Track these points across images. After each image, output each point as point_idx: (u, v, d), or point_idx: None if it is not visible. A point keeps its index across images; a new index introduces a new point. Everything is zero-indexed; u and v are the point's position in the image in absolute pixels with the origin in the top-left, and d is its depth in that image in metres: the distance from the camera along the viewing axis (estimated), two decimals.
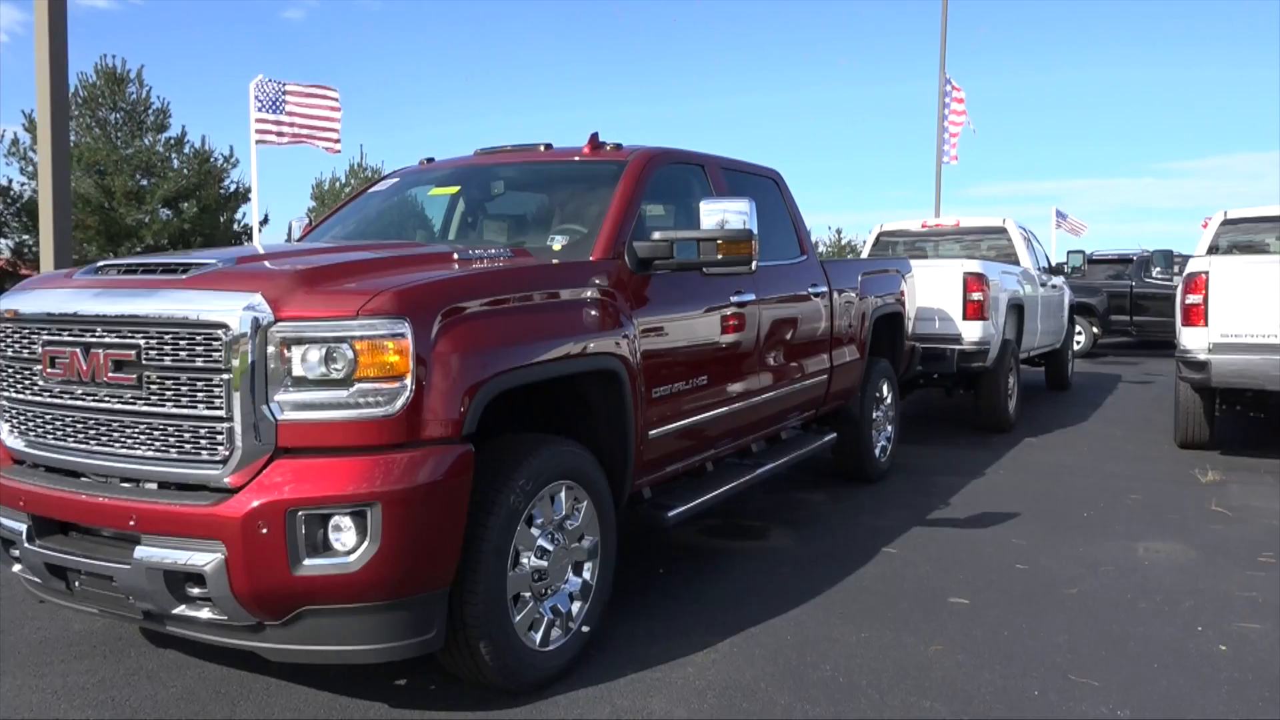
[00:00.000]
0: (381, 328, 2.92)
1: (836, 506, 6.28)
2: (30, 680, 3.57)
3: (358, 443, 2.92)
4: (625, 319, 3.93)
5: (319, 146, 14.93)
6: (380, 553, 2.88)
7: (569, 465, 3.56)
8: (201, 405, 2.94)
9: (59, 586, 3.28)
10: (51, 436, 3.30)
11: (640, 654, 3.79)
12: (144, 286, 3.12)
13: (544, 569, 3.47)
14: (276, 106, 14.60)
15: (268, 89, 14.49)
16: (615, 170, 4.52)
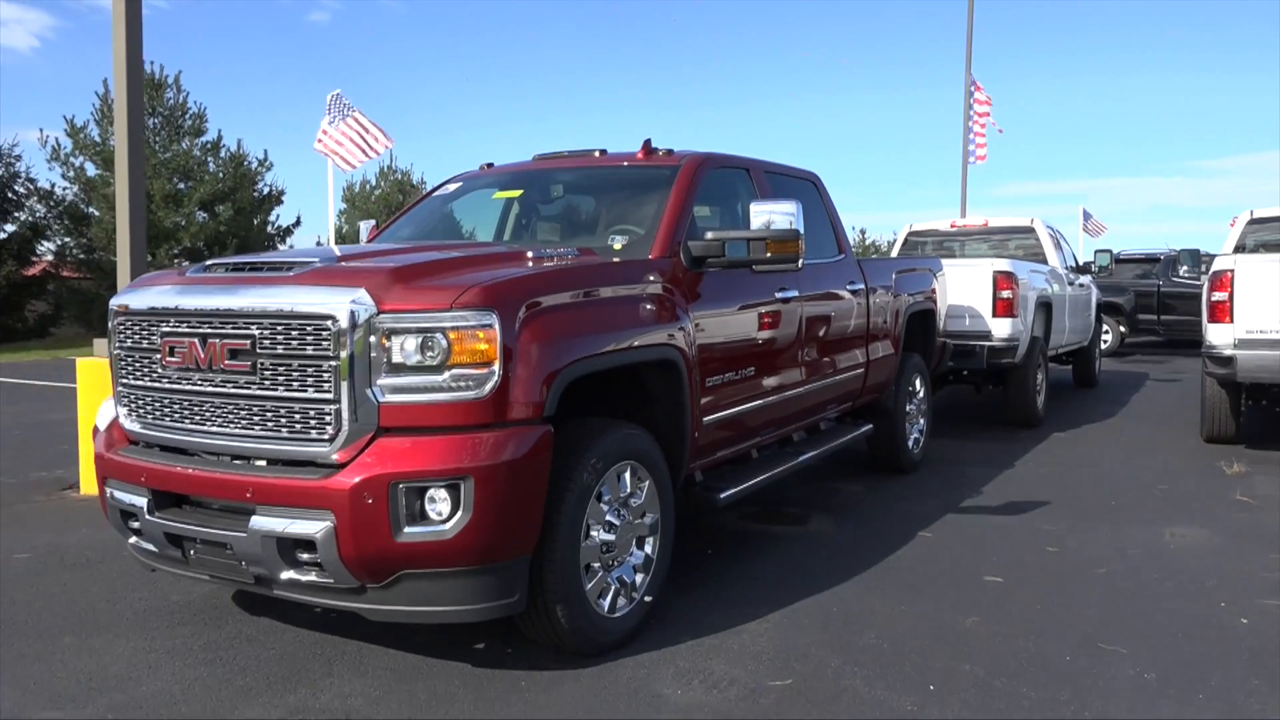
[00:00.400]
0: (472, 319, 3.23)
1: (872, 495, 6.55)
2: (143, 643, 3.91)
3: (451, 423, 3.23)
4: (682, 313, 4.23)
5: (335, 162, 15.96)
6: (472, 521, 3.19)
7: (634, 447, 3.86)
8: (311, 389, 3.27)
9: (175, 555, 3.62)
10: (167, 418, 3.64)
11: (696, 623, 4.09)
12: (255, 283, 3.45)
13: (611, 542, 3.78)
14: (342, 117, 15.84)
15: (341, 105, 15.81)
16: (669, 174, 4.82)
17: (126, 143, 6.86)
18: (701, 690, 3.45)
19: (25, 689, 3.48)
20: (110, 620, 4.18)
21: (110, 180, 26.85)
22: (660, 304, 4.12)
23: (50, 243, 27.27)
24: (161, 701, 3.37)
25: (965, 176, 23.45)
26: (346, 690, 3.46)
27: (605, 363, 3.72)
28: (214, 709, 3.31)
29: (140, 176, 6.95)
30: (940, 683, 3.51)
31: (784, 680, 3.53)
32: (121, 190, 6.94)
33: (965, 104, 23.15)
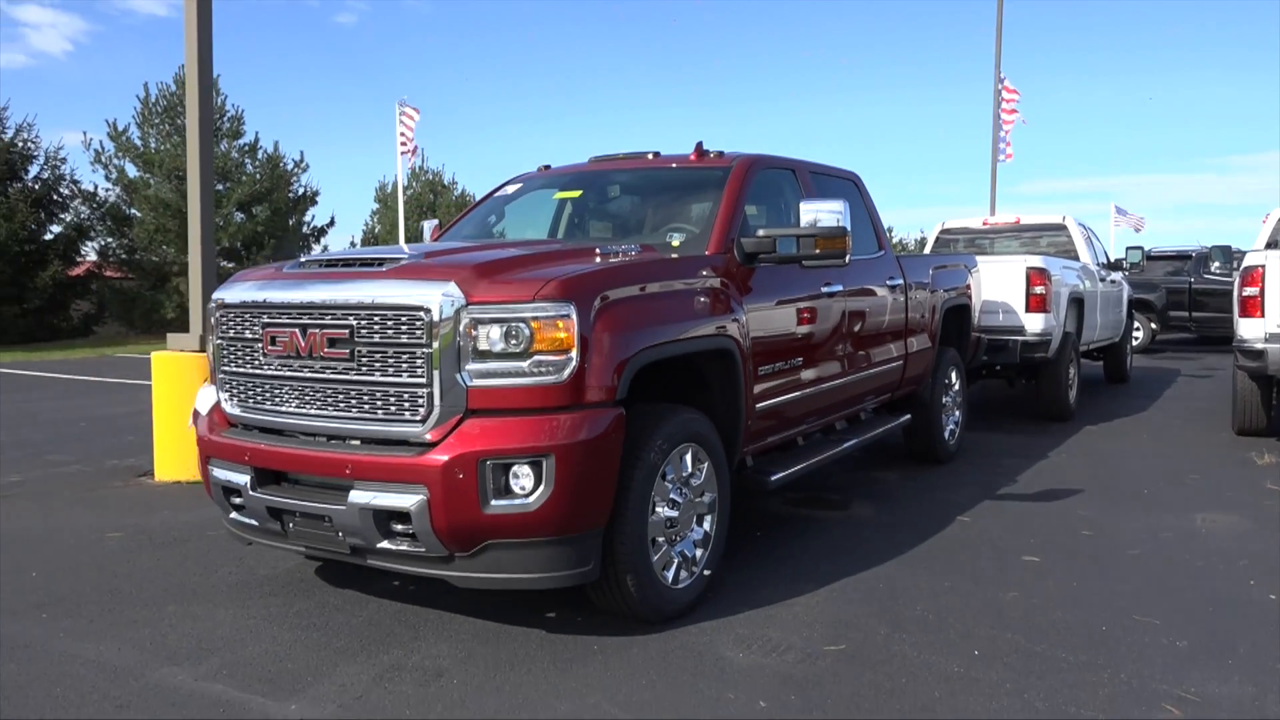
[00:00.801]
0: (552, 310, 3.52)
1: (910, 483, 6.79)
2: (240, 611, 4.24)
3: (533, 405, 3.53)
4: (736, 306, 4.50)
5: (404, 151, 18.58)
6: (553, 495, 3.48)
7: (694, 430, 4.14)
8: (405, 374, 3.57)
9: (274, 528, 3.94)
10: (268, 402, 3.96)
11: (751, 596, 4.36)
12: (352, 278, 3.76)
13: (674, 518, 4.06)
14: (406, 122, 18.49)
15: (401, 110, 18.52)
16: (721, 175, 5.10)
17: (198, 151, 7.23)
18: (760, 654, 3.73)
19: (143, 649, 3.81)
20: (206, 592, 4.51)
21: (150, 182, 27.52)
22: (716, 297, 4.40)
23: (93, 243, 27.93)
24: (268, 660, 3.69)
25: (995, 173, 23.53)
26: (435, 652, 3.77)
27: (669, 351, 4.00)
28: (316, 667, 3.62)
29: (210, 179, 7.31)
30: (984, 649, 3.76)
31: (837, 646, 3.80)
32: (193, 194, 7.30)
33: (994, 101, 23.25)
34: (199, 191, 7.25)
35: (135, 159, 27.84)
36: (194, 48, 7.19)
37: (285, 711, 3.25)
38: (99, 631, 4.00)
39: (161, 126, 28.27)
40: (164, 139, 28.09)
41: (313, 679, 3.52)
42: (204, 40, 7.21)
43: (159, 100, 28.25)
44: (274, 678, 3.53)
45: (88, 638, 3.93)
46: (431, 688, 3.44)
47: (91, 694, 3.40)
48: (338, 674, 3.56)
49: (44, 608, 4.29)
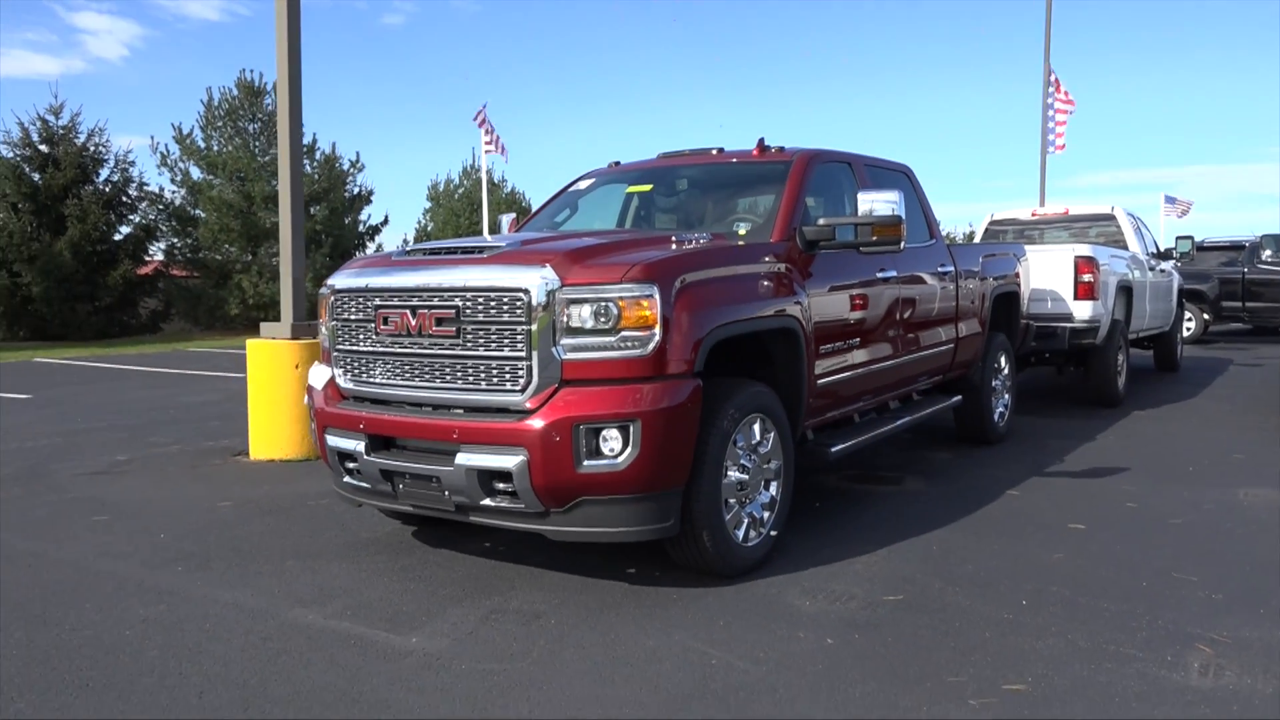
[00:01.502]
0: (637, 290, 3.93)
1: (960, 462, 7.11)
2: (352, 566, 4.71)
3: (621, 376, 3.94)
4: (799, 289, 4.88)
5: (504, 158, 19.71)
6: (640, 456, 3.89)
7: (762, 401, 4.53)
8: (506, 349, 4.00)
9: (385, 489, 4.40)
10: (379, 376, 4.42)
11: (814, 556, 4.74)
12: (457, 263, 4.21)
13: (745, 481, 4.45)
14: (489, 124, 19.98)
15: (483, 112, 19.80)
16: (783, 168, 5.48)
17: (289, 159, 7.76)
18: (826, 602, 4.11)
19: (271, 595, 4.29)
20: (318, 550, 4.99)
21: (214, 183, 28.46)
22: (781, 281, 4.78)
23: (160, 243, 28.94)
24: (385, 604, 4.15)
25: (1044, 166, 23.49)
26: (531, 599, 4.20)
27: (740, 329, 4.39)
28: (428, 609, 4.07)
29: (299, 183, 7.83)
30: (1031, 600, 4.11)
31: (896, 596, 4.17)
32: (284, 197, 7.83)
33: (1044, 91, 23.23)
34: (289, 194, 7.78)
35: (199, 161, 28.81)
36: (284, 50, 7.71)
37: (407, 644, 3.70)
38: (231, 581, 4.49)
39: (224, 129, 29.22)
40: (226, 141, 29.03)
41: (426, 619, 3.97)
42: (293, 44, 7.73)
43: (221, 104, 29.20)
44: (393, 617, 3.99)
45: (222, 586, 4.42)
46: (532, 626, 3.87)
47: (237, 629, 3.88)
48: (448, 615, 4.01)
49: (178, 562, 4.80)
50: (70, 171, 25.73)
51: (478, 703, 3.20)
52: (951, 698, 3.20)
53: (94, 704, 3.21)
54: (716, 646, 3.64)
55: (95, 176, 26.82)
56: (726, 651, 3.59)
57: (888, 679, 3.35)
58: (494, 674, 3.42)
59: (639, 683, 3.34)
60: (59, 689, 3.34)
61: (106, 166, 27.07)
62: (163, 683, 3.38)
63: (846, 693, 3.25)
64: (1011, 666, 3.43)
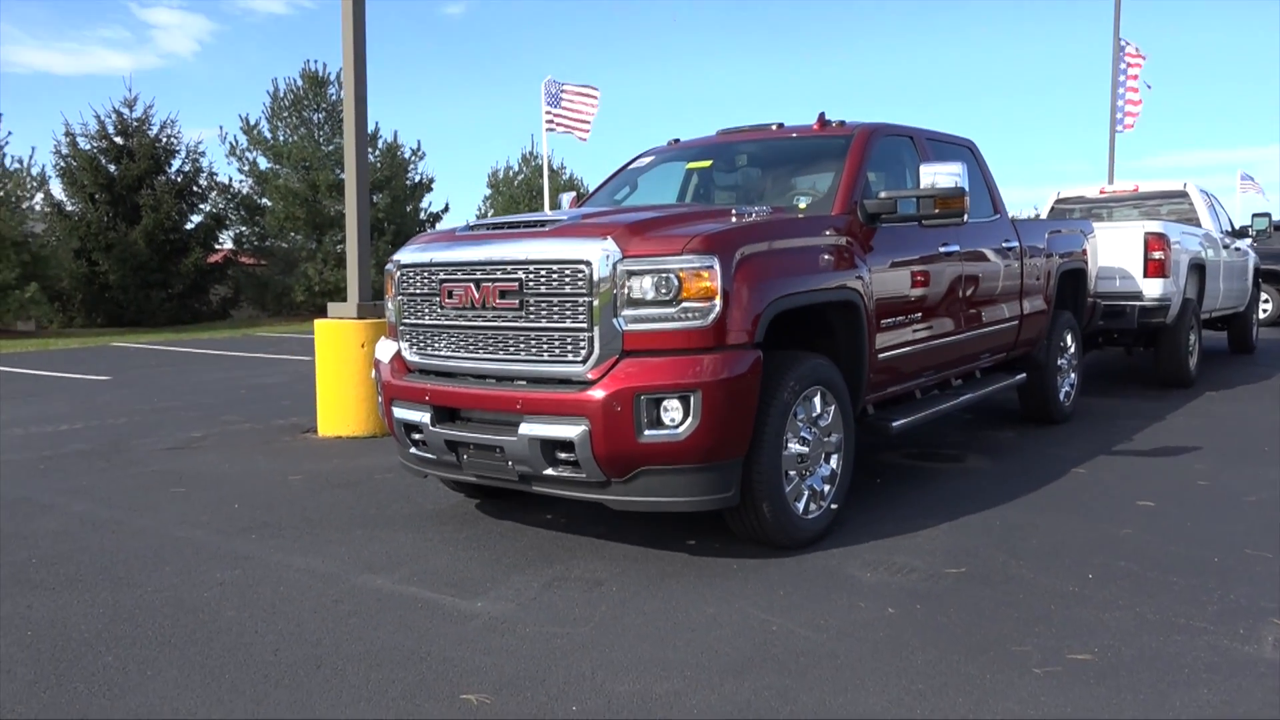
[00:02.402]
0: (697, 262, 3.95)
1: (1024, 440, 7.01)
2: (417, 536, 4.82)
3: (681, 346, 3.97)
4: (860, 262, 4.86)
5: (576, 136, 18.75)
6: (700, 427, 3.92)
7: (824, 375, 4.52)
8: (569, 321, 4.06)
9: (450, 460, 4.49)
10: (444, 349, 4.51)
11: (875, 530, 4.73)
12: (520, 237, 4.27)
13: (805, 454, 4.46)
14: (556, 101, 18.45)
15: (551, 89, 18.41)
16: (844, 142, 5.44)
17: (355, 148, 7.91)
18: (887, 574, 4.10)
19: (340, 561, 4.42)
20: (385, 521, 5.12)
21: (280, 173, 29.08)
22: (842, 254, 4.76)
23: (229, 232, 29.68)
24: (451, 571, 4.25)
25: (1113, 143, 22.84)
26: (592, 567, 4.26)
27: (800, 301, 4.39)
28: (492, 576, 4.16)
29: (365, 170, 7.99)
30: (1098, 573, 4.06)
31: (958, 569, 4.15)
32: (350, 182, 8.00)
33: (1113, 65, 22.55)
34: (355, 179, 7.94)
35: (266, 151, 29.45)
36: (349, 39, 7.86)
37: (473, 608, 3.79)
38: (303, 548, 4.63)
39: (289, 120, 29.82)
40: (291, 131, 29.64)
41: (491, 585, 4.05)
42: (359, 32, 7.87)
43: (286, 95, 29.79)
44: (458, 583, 4.08)
45: (294, 552, 4.56)
46: (594, 593, 3.93)
47: (309, 592, 4.00)
48: (511, 581, 4.09)
49: (251, 530, 4.96)
50: (144, 163, 26.51)
51: (541, 663, 3.27)
52: (1015, 666, 3.18)
53: (176, 658, 3.35)
54: (776, 614, 3.66)
55: (167, 167, 27.58)
56: (786, 619, 3.62)
57: (950, 647, 3.34)
58: (557, 636, 3.49)
59: (699, 647, 3.38)
60: (143, 643, 3.48)
61: (178, 157, 27.84)
62: (240, 640, 3.51)
63: (908, 659, 3.25)
64: (1077, 637, 3.40)
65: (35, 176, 25.38)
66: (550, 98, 18.41)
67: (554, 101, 18.44)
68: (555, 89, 18.52)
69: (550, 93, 18.43)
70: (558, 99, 18.57)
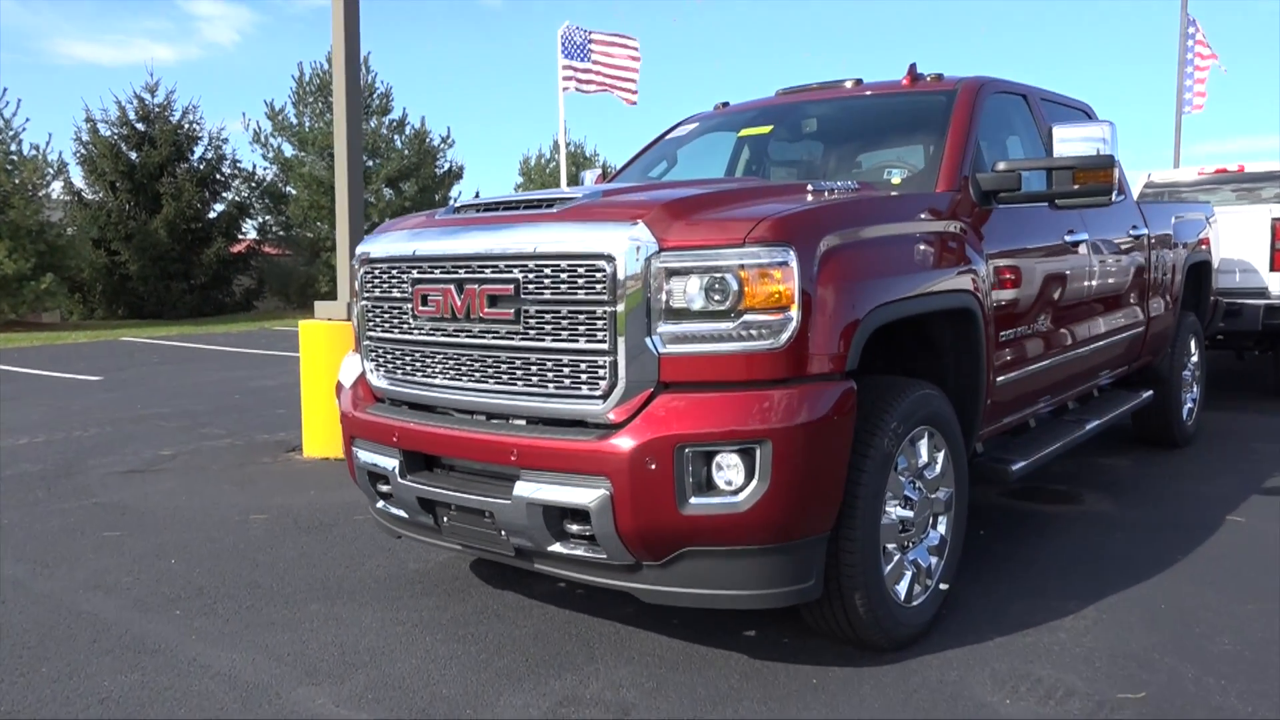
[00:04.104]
0: (765, 256, 2.76)
1: (1147, 472, 5.74)
2: (389, 614, 3.68)
3: (742, 377, 2.78)
4: (976, 255, 3.63)
5: (618, 96, 15.03)
6: (769, 493, 2.73)
7: (933, 410, 3.31)
8: (582, 339, 2.88)
9: (426, 522, 3.34)
10: (418, 374, 3.35)
11: (998, 617, 3.51)
12: (517, 222, 3.09)
13: (909, 519, 3.25)
14: (583, 54, 14.73)
15: (575, 37, 14.62)
16: (945, 100, 4.21)
17: (345, 119, 6.79)
18: (1033, 700, 2.89)
19: (280, 659, 3.28)
20: (353, 587, 3.98)
21: (305, 160, 28.13)
22: (952, 244, 3.54)
23: (253, 221, 28.83)
24: (420, 681, 3.09)
25: (1179, 126, 21.25)
26: (615, 678, 3.09)
27: (906, 310, 3.18)
28: (477, 693, 3.00)
29: (358, 146, 6.86)
30: None
31: (1136, 694, 2.92)
32: (340, 159, 6.89)
33: (1180, 45, 21.00)
34: (345, 157, 6.83)
35: (291, 138, 28.53)
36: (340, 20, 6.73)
37: None
38: (235, 634, 3.50)
39: (315, 105, 28.83)
40: (317, 117, 28.64)
41: (472, 711, 2.89)
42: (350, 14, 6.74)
43: (313, 79, 28.80)
44: (427, 706, 2.92)
45: (222, 642, 3.43)
46: None
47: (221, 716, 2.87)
48: (502, 705, 2.93)
49: (179, 602, 3.84)
50: (165, 149, 25.65)
51: None
52: None
53: None
54: None
55: (190, 154, 26.72)
56: None
57: None
58: None
59: None
60: None
61: (201, 144, 26.97)
62: None
63: None
64: None
65: (53, 163, 24.58)
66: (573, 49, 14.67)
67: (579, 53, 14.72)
68: (580, 37, 14.70)
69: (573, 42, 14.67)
70: (584, 50, 14.79)
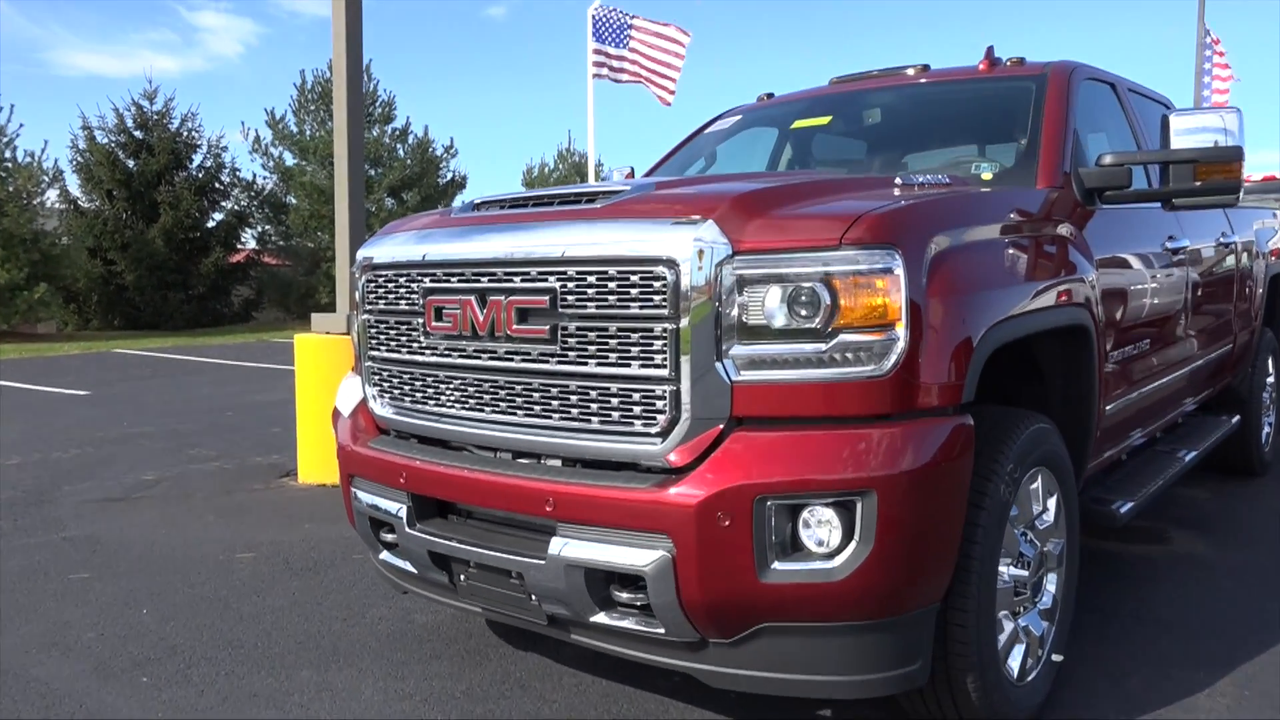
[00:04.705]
0: (866, 260, 2.21)
1: (1231, 505, 5.18)
2: (392, 684, 3.12)
3: (837, 411, 2.22)
4: (1086, 262, 3.09)
5: (653, 91, 13.17)
6: (873, 557, 2.17)
7: (1048, 447, 2.76)
8: (635, 363, 2.32)
9: (439, 579, 2.78)
10: (430, 402, 2.79)
11: (1118, 692, 2.96)
12: (552, 220, 2.54)
13: (1023, 580, 2.70)
14: (619, 39, 12.89)
15: (611, 19, 12.84)
16: (1034, 87, 3.66)
17: (346, 122, 6.26)
18: None
19: None
20: (351, 647, 3.42)
21: (306, 169, 27.64)
22: (1065, 250, 3.00)
23: (252, 230, 28.31)
24: None
25: None
26: None
27: (1024, 327, 2.63)
28: None
29: (359, 150, 6.35)
30: None
31: None
32: (340, 164, 6.37)
33: (1197, 55, 20.56)
34: (346, 162, 6.31)
35: (291, 146, 28.07)
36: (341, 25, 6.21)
37: None
38: (210, 709, 2.94)
39: (317, 113, 28.38)
40: (319, 125, 28.18)
41: None
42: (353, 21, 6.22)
43: (314, 87, 28.36)
44: None
45: None
46: None
47: None
48: None
49: (148, 666, 3.28)
50: (163, 157, 25.16)
51: None
52: None
53: None
54: None
55: (188, 163, 26.23)
56: None
57: None
58: None
59: None
60: None
61: (199, 152, 26.48)
62: None
63: None
64: None
65: (48, 171, 24.06)
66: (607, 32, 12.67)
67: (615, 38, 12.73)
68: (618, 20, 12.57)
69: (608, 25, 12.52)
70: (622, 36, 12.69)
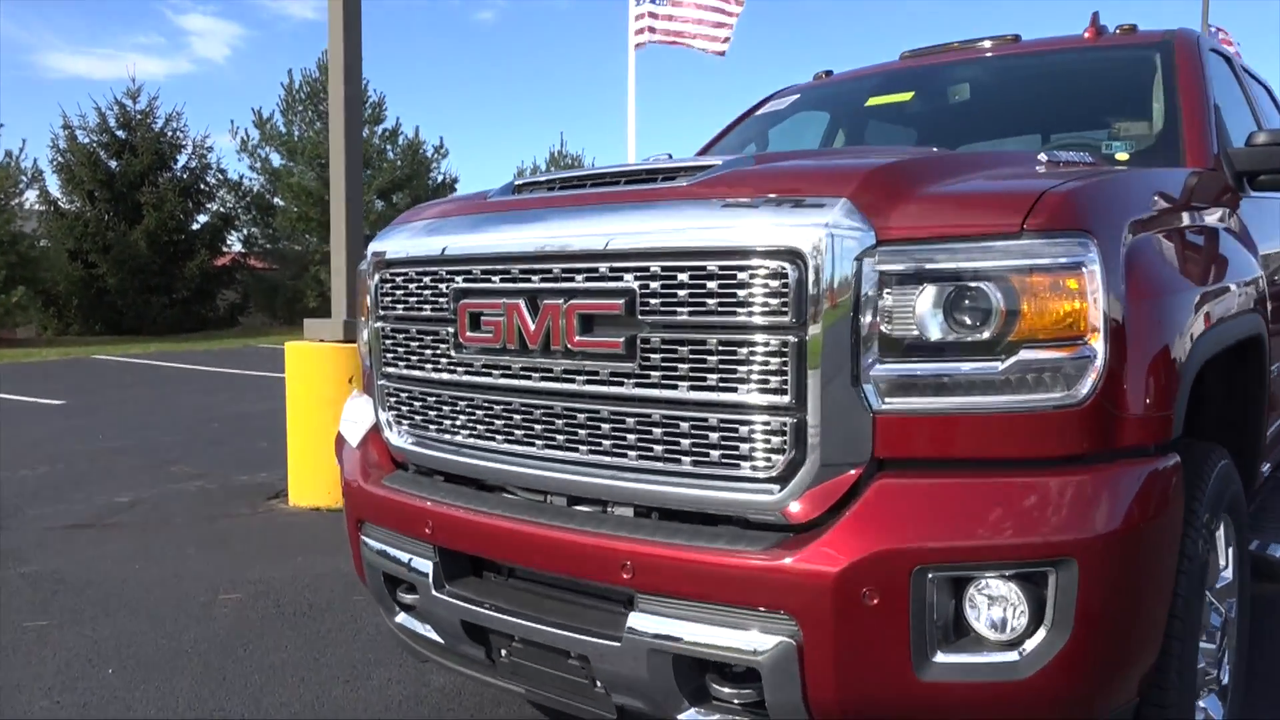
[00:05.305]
0: (1052, 253, 1.66)
1: None
2: None
3: (1015, 452, 1.68)
4: (1253, 259, 2.56)
5: (697, 47, 11.20)
6: (1069, 647, 1.63)
7: (1235, 488, 2.23)
8: (743, 385, 1.77)
9: (474, 654, 2.21)
10: (463, 431, 2.23)
11: None
12: (623, 202, 1.99)
13: (1212, 653, 2.16)
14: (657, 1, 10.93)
15: None
16: (1157, 56, 3.14)
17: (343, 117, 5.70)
18: None
19: None
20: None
21: (294, 170, 26.98)
22: (1235, 244, 2.47)
23: (238, 233, 27.65)
24: None
25: None
26: None
27: (1226, 336, 2.10)
28: None
29: (357, 143, 5.78)
30: None
31: None
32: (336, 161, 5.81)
33: None
34: (344, 156, 5.75)
35: (279, 146, 27.41)
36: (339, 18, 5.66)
37: None
38: None
39: (305, 114, 27.74)
40: (307, 125, 27.54)
41: None
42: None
43: (302, 87, 27.73)
44: None
45: None
46: None
47: None
48: None
49: None
50: (147, 158, 24.49)
51: None
52: None
53: None
54: None
55: (173, 163, 25.56)
56: None
57: None
58: None
59: None
60: None
61: (184, 153, 25.83)
62: None
63: None
64: None
65: (26, 171, 23.35)
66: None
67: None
68: None
69: None
70: None
